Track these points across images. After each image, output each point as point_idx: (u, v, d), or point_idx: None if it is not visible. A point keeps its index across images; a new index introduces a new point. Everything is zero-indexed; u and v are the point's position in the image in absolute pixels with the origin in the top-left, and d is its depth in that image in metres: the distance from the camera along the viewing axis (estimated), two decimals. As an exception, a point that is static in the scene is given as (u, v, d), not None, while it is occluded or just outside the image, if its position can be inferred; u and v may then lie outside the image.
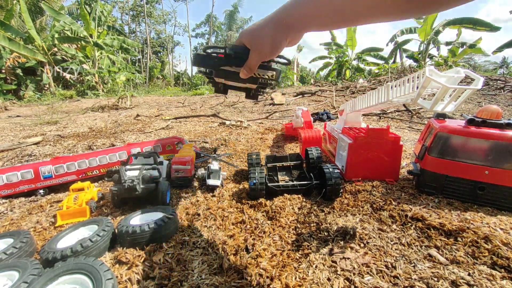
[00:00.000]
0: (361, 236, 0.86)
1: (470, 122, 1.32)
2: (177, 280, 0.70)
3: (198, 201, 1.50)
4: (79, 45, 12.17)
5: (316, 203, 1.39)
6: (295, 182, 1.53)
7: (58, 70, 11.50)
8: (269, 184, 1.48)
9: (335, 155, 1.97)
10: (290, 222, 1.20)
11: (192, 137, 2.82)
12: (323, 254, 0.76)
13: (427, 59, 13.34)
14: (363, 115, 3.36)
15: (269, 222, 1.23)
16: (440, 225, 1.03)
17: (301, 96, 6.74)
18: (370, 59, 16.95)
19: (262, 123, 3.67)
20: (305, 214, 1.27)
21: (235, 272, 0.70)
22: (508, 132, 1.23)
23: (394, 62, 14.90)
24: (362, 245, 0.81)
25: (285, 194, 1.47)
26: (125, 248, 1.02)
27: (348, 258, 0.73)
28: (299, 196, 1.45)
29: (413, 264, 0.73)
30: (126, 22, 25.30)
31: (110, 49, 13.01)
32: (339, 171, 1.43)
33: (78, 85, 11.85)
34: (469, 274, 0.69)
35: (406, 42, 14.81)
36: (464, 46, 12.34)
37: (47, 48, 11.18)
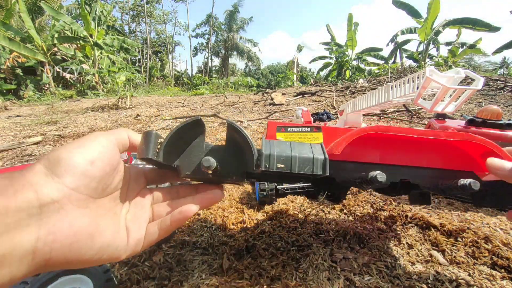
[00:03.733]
0: (361, 236, 0.86)
1: (470, 122, 1.32)
2: (177, 280, 0.70)
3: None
4: (79, 45, 12.17)
5: (317, 204, 1.39)
6: (303, 184, 1.45)
7: (58, 70, 11.50)
8: (278, 187, 1.41)
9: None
10: (290, 222, 1.20)
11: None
12: (323, 254, 0.76)
13: (427, 59, 13.36)
14: (363, 115, 3.36)
15: (269, 222, 1.23)
16: (440, 225, 1.03)
17: (301, 96, 6.74)
18: (370, 59, 16.98)
19: (262, 123, 3.66)
20: (305, 214, 1.28)
21: (235, 272, 0.70)
22: (508, 133, 1.23)
23: (394, 62, 14.91)
24: (362, 245, 0.81)
25: (288, 196, 1.47)
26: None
27: (348, 258, 0.73)
28: (301, 197, 1.45)
29: (413, 264, 0.73)
30: (126, 22, 25.30)
31: (110, 49, 13.01)
32: None
33: (78, 85, 11.85)
34: (469, 274, 0.69)
35: (406, 42, 14.83)
36: (464, 47, 12.35)
37: (47, 48, 11.18)
